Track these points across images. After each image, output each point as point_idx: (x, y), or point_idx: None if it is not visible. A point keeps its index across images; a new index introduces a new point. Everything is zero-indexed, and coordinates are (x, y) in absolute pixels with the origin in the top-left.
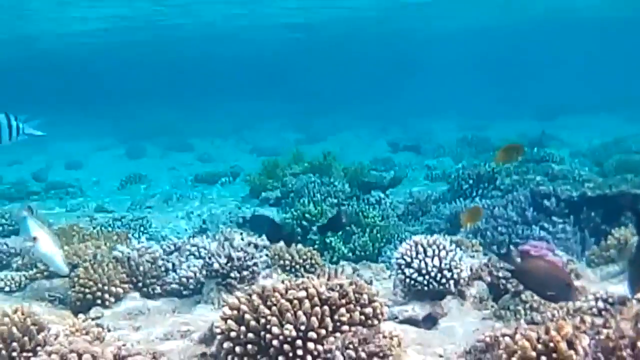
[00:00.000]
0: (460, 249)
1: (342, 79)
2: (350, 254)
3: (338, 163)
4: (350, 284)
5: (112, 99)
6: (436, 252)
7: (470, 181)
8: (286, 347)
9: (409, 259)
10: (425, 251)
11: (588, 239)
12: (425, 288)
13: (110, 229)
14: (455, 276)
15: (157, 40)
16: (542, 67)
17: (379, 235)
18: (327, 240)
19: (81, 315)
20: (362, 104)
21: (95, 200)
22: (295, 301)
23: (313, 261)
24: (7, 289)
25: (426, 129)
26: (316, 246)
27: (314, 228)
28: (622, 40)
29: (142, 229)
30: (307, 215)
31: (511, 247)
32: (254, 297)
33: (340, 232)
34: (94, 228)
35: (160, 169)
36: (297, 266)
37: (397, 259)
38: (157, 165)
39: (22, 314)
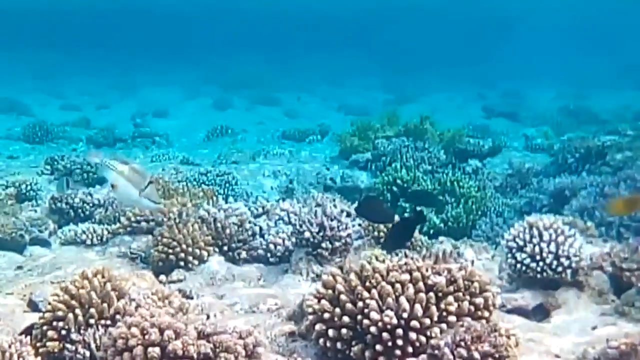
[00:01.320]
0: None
1: (434, 37)
2: (442, 225)
3: (434, 128)
4: (460, 269)
5: (202, 48)
6: (553, 236)
7: (577, 155)
8: (385, 335)
9: (521, 242)
10: (540, 235)
11: None
12: (538, 275)
13: (195, 182)
14: (574, 265)
15: None
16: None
17: (474, 207)
18: (418, 209)
19: (163, 278)
20: (454, 65)
21: (180, 151)
22: (398, 285)
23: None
24: (88, 242)
25: (522, 95)
26: (406, 214)
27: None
28: None
29: (227, 185)
30: (398, 181)
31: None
32: (352, 276)
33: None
34: (179, 182)
35: (247, 122)
36: None
37: (508, 241)
38: (243, 118)
39: (103, 276)
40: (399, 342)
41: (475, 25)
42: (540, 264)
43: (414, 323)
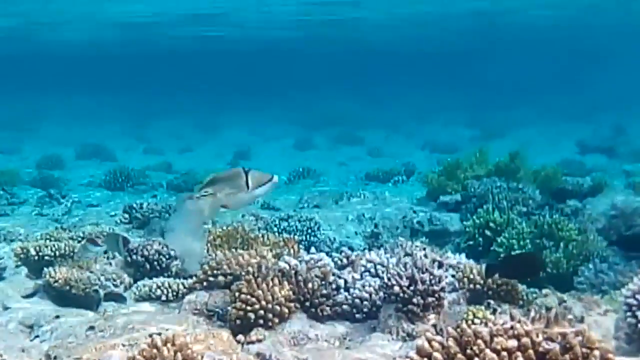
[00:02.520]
0: None
1: (522, 70)
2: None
3: (526, 166)
4: (577, 334)
5: (285, 87)
6: None
7: None
8: None
9: None
10: None
11: None
12: None
13: (275, 229)
14: None
15: (331, 31)
16: None
17: (575, 251)
18: (513, 254)
19: (241, 337)
20: (544, 97)
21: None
22: (504, 353)
23: (509, 288)
24: (163, 297)
25: (619, 128)
26: (500, 259)
27: (500, 239)
28: None
29: (310, 231)
30: (491, 224)
31: None
32: (450, 342)
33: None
34: (259, 229)
35: (329, 162)
36: (490, 292)
37: (626, 297)
38: (325, 158)
39: (173, 344)
40: None
41: (566, 56)
42: None
43: None
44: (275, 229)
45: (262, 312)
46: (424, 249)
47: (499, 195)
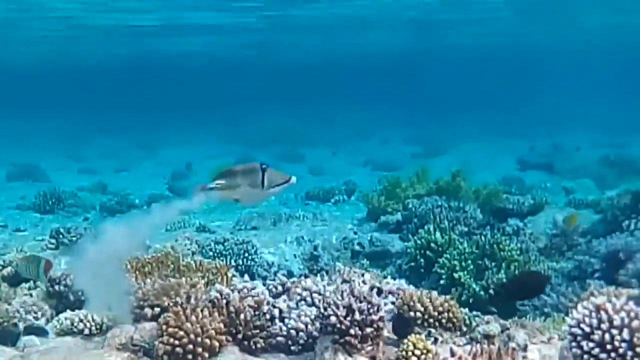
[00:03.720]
0: None
1: (462, 88)
2: (482, 293)
3: (468, 184)
4: None
5: (224, 105)
6: (626, 321)
7: (628, 211)
8: None
9: (587, 329)
10: (610, 319)
11: None
12: None
13: (211, 253)
14: None
15: (268, 46)
16: None
17: (517, 272)
18: (456, 276)
19: None
20: (484, 115)
21: (197, 217)
22: None
23: (450, 315)
24: (86, 331)
25: (556, 145)
26: (442, 281)
27: (441, 260)
28: None
29: (246, 255)
30: (432, 244)
31: None
32: None
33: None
34: (192, 254)
35: None
36: (431, 320)
37: (571, 326)
38: None
39: None
40: None
41: (505, 74)
42: (612, 354)
43: None
44: (211, 253)
45: (190, 346)
46: (363, 274)
47: (440, 214)
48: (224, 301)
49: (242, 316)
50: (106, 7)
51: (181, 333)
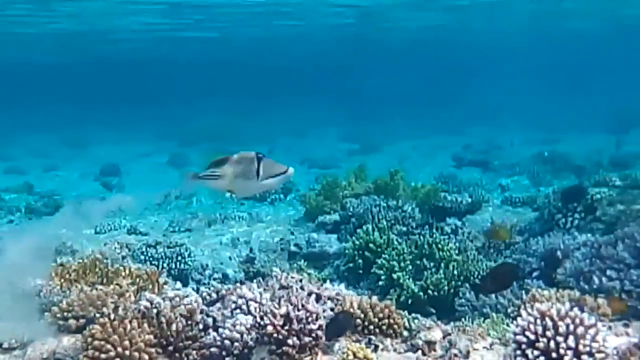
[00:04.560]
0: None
1: (398, 84)
2: (421, 294)
3: (406, 183)
4: None
5: (158, 102)
6: (571, 328)
7: (564, 209)
8: None
9: (532, 336)
10: (555, 326)
11: None
12: None
13: (142, 257)
14: None
15: (202, 42)
16: (612, 76)
17: (455, 272)
18: (395, 276)
19: None
20: (419, 111)
21: (129, 219)
22: None
23: (391, 321)
24: (5, 344)
25: (491, 141)
26: (381, 282)
27: (380, 261)
28: None
29: (180, 259)
30: (370, 245)
31: None
32: None
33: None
34: (122, 258)
35: None
36: (372, 326)
37: (515, 334)
38: None
39: None
40: None
41: (441, 71)
42: None
43: None
44: (142, 257)
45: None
46: (301, 280)
47: (379, 214)
48: (154, 311)
49: (173, 327)
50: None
51: (108, 346)
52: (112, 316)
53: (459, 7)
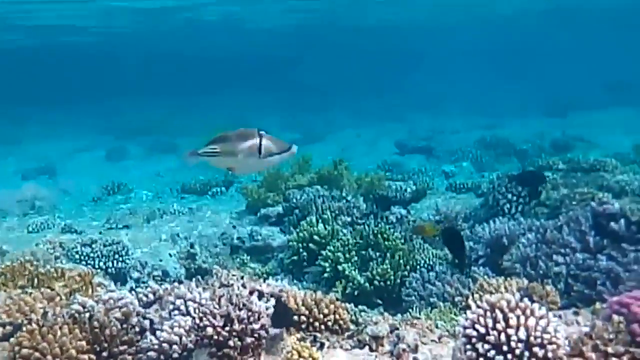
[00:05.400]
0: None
1: (339, 71)
2: (367, 285)
3: (350, 172)
4: None
5: (94, 94)
6: (522, 320)
7: (509, 195)
8: None
9: (482, 329)
10: (506, 318)
11: None
12: None
13: (77, 256)
14: (550, 354)
15: (139, 32)
16: (548, 61)
17: (401, 261)
18: (340, 268)
19: None
20: (362, 99)
21: (64, 216)
22: None
23: (337, 317)
24: None
25: (433, 127)
26: (326, 274)
27: (325, 252)
28: (626, 28)
29: (117, 257)
30: (315, 236)
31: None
32: None
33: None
34: (56, 259)
35: (143, 174)
36: (317, 323)
37: (465, 327)
38: (140, 169)
39: None
40: None
41: (382, 58)
42: (509, 356)
43: None
44: (77, 257)
45: None
46: (242, 277)
47: (323, 205)
48: (87, 315)
49: (107, 331)
50: None
51: (37, 355)
52: (41, 322)
53: None
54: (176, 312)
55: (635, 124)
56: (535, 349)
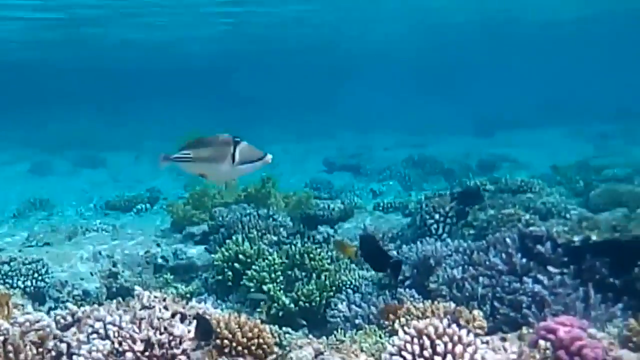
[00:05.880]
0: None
1: (268, 87)
2: (292, 306)
3: (277, 190)
4: None
5: (19, 106)
6: (449, 347)
7: (437, 215)
8: None
9: (409, 357)
10: (433, 346)
11: (593, 295)
12: None
13: None
14: None
15: (68, 42)
16: (477, 79)
17: (327, 282)
18: (265, 288)
19: None
20: (291, 115)
21: None
22: None
23: (261, 341)
24: None
25: (361, 145)
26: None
27: (250, 272)
28: (556, 48)
29: (37, 276)
30: (240, 256)
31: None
32: None
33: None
34: None
35: (68, 189)
36: (240, 347)
37: (392, 354)
38: (65, 184)
39: None
40: None
41: (311, 75)
42: None
43: None
44: None
45: None
46: (165, 299)
47: (249, 224)
48: (1, 339)
49: (22, 356)
50: None
51: None
52: None
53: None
54: (95, 335)
55: (562, 143)
56: None
